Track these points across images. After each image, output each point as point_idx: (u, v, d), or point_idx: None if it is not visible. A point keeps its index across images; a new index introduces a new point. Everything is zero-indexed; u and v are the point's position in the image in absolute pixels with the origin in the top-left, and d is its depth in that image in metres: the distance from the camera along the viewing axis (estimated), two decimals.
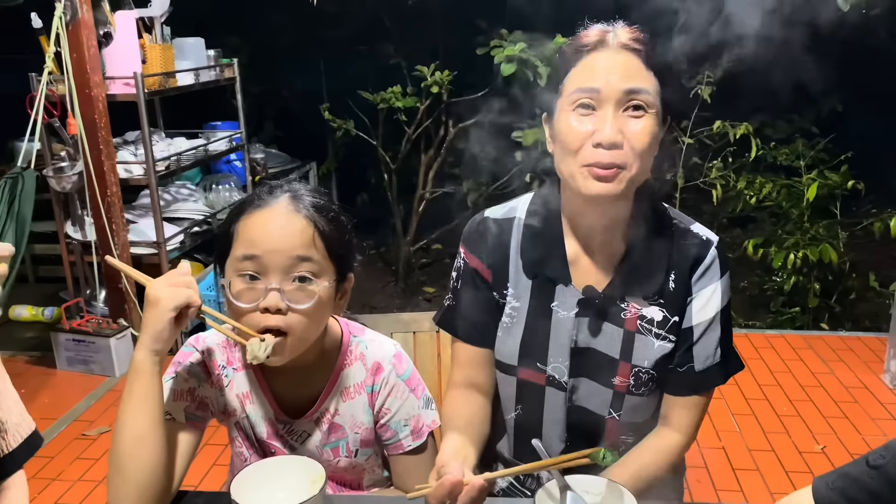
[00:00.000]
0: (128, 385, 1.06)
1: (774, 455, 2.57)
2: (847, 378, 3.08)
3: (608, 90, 1.09)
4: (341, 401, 1.23)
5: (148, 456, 1.05)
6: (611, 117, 1.09)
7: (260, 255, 1.07)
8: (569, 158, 1.12)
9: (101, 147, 3.04)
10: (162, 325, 1.04)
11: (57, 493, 2.41)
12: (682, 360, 1.22)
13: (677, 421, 1.25)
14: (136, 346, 1.06)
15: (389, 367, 1.23)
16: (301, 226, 1.10)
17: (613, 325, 1.21)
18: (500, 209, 1.30)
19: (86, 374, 3.21)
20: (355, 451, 1.25)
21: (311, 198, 1.14)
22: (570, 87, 1.12)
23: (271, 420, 1.23)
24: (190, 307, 1.05)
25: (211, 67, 3.67)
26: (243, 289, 1.09)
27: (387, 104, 4.17)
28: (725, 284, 1.22)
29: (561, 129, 1.13)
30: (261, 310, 1.07)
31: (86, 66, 2.93)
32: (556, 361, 1.24)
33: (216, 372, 1.22)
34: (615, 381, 1.22)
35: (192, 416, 1.18)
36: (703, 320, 1.21)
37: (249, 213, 1.11)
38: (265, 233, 1.09)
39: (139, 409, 1.05)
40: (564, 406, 1.25)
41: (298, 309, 1.08)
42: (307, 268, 1.09)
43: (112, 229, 3.13)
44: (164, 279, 1.07)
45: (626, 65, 1.10)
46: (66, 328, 3.21)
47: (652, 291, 1.20)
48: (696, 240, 1.22)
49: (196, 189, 3.87)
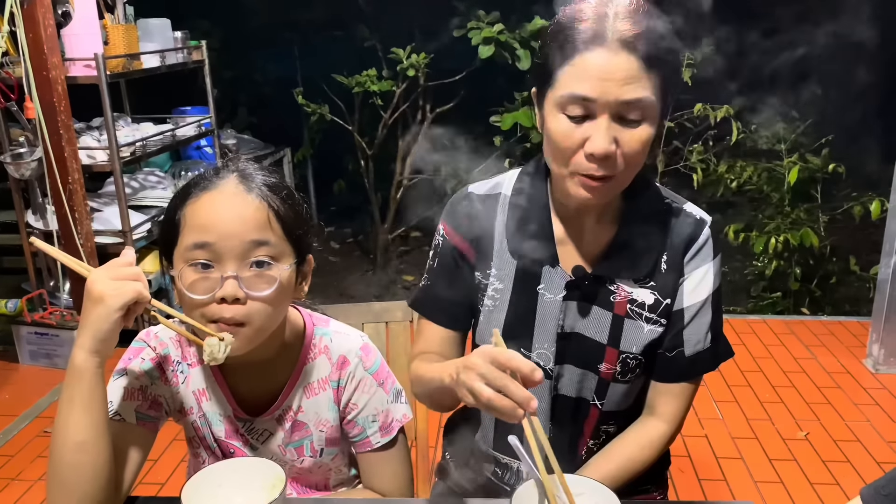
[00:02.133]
0: (67, 390, 0.96)
1: (758, 443, 2.53)
2: (829, 363, 3.06)
3: (604, 99, 0.99)
4: (305, 397, 1.14)
5: (91, 465, 0.96)
6: (605, 128, 1.00)
7: (212, 242, 0.98)
8: (558, 161, 1.06)
9: (61, 132, 2.91)
10: (107, 325, 0.93)
11: (16, 493, 2.31)
12: (671, 344, 1.16)
13: (663, 409, 1.19)
14: (74, 346, 0.95)
15: (356, 361, 1.15)
16: (254, 207, 1.00)
17: (602, 308, 1.15)
18: (485, 185, 1.22)
19: (49, 368, 3.10)
20: (320, 450, 1.17)
21: (263, 176, 1.04)
22: (563, 86, 1.01)
23: (230, 418, 1.14)
24: (138, 303, 0.95)
25: (178, 50, 3.54)
26: (196, 279, 0.99)
27: (362, 88, 4.07)
28: (717, 266, 1.17)
29: (551, 129, 1.05)
30: (217, 300, 0.98)
31: (43, 47, 2.80)
32: (542, 347, 1.17)
33: (170, 368, 1.13)
34: (601, 368, 1.16)
35: (143, 416, 1.09)
36: (695, 302, 1.15)
37: (196, 197, 1.01)
38: (216, 217, 0.99)
39: (81, 416, 0.95)
40: (549, 394, 1.18)
41: (258, 297, 0.99)
42: (265, 252, 1.00)
43: (75, 218, 3.00)
44: (106, 271, 0.95)
45: (625, 69, 0.98)
46: (28, 321, 3.09)
47: (642, 274, 1.14)
48: (689, 219, 1.16)
49: (165, 176, 3.74)
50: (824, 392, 2.84)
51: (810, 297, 3.72)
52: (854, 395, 2.82)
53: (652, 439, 1.18)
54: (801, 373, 2.99)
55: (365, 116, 4.34)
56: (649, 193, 1.17)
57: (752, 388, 2.88)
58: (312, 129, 4.80)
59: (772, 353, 3.15)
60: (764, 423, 2.65)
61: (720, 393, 2.84)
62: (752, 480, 2.34)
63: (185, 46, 3.60)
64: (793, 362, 3.08)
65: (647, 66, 0.99)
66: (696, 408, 2.72)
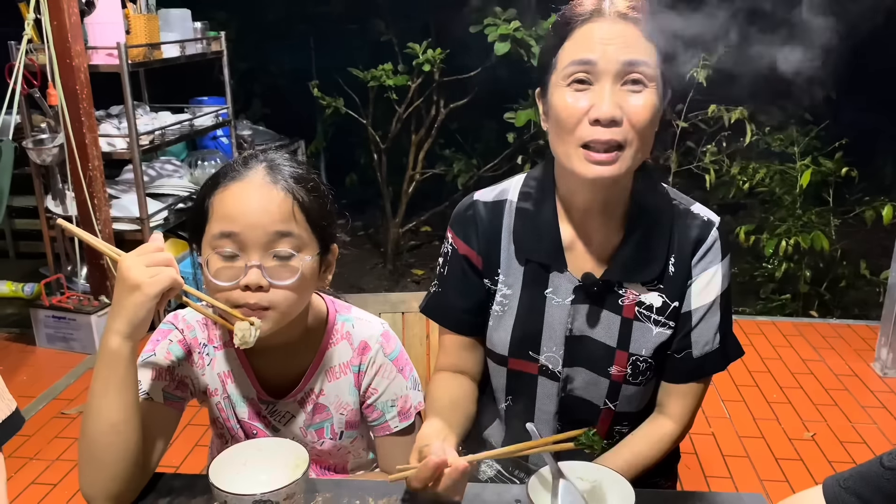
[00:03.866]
0: (102, 373, 0.98)
1: (764, 442, 2.55)
2: (837, 366, 3.07)
3: (605, 62, 1.01)
4: (326, 381, 1.18)
5: (123, 444, 1.00)
6: (608, 91, 1.01)
7: (238, 232, 1.01)
8: (564, 136, 1.05)
9: (82, 119, 2.95)
10: (144, 311, 0.95)
11: (34, 472, 2.35)
12: (679, 346, 1.17)
13: (672, 409, 1.20)
14: (107, 330, 0.98)
15: (377, 347, 1.19)
16: (279, 198, 1.03)
17: (610, 312, 1.15)
18: (491, 192, 1.23)
19: (66, 351, 3.15)
20: (340, 432, 1.21)
21: (289, 167, 1.07)
22: (564, 60, 1.05)
23: (253, 400, 1.18)
24: (172, 289, 0.97)
25: (197, 40, 3.58)
26: (222, 267, 1.02)
27: (377, 82, 4.09)
28: (726, 267, 1.17)
29: (555, 106, 1.06)
30: (241, 287, 1.02)
31: (67, 35, 2.84)
32: (550, 350, 1.18)
33: (196, 350, 1.17)
34: (612, 371, 1.17)
35: (170, 396, 1.12)
36: (702, 304, 1.15)
37: (224, 187, 1.04)
38: (242, 208, 1.02)
39: (115, 398, 0.98)
40: (557, 396, 1.20)
41: (281, 285, 1.02)
42: (288, 243, 1.03)
43: (94, 204, 3.05)
44: (139, 258, 0.97)
45: (623, 35, 1.02)
46: (45, 305, 3.13)
47: (651, 277, 1.14)
48: (697, 221, 1.16)
49: (181, 165, 3.79)
50: (832, 394, 2.86)
51: (819, 299, 3.72)
52: (861, 397, 2.83)
53: (661, 437, 1.20)
54: (808, 374, 3.00)
55: (379, 110, 4.36)
56: (656, 195, 1.16)
57: (759, 388, 2.90)
58: (326, 122, 4.83)
59: (780, 354, 3.17)
60: (771, 422, 2.67)
61: (728, 392, 2.86)
62: (758, 478, 2.36)
63: (204, 37, 3.64)
64: (801, 364, 3.09)
65: (644, 34, 1.03)
66: (704, 406, 2.70)
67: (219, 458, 1.01)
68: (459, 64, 4.09)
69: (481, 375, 1.30)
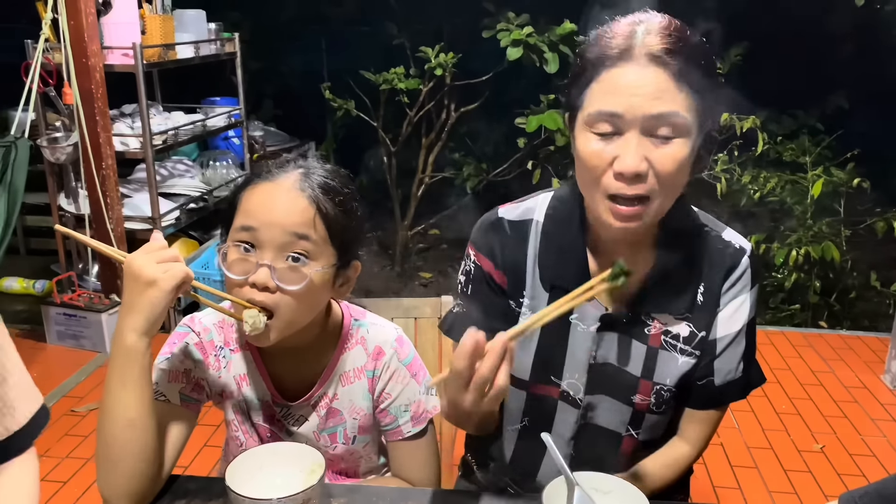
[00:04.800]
0: (118, 370, 1.00)
1: (773, 453, 2.55)
2: (847, 378, 3.06)
3: (632, 114, 0.95)
4: (340, 385, 1.18)
5: (140, 441, 1.00)
6: (634, 145, 0.96)
7: (256, 228, 1.03)
8: (589, 185, 1.03)
9: (97, 118, 2.97)
10: (161, 306, 0.97)
11: (44, 469, 2.36)
12: (702, 374, 1.15)
13: (689, 433, 1.19)
14: (121, 327, 0.99)
15: (391, 352, 1.19)
16: (303, 205, 1.04)
17: (636, 341, 1.13)
18: (515, 209, 1.18)
19: (76, 349, 3.16)
20: (353, 437, 1.21)
21: (322, 177, 1.08)
22: (590, 105, 0.99)
23: (268, 403, 1.18)
24: (184, 283, 0.99)
25: (212, 41, 3.60)
26: (236, 259, 1.04)
27: (389, 85, 4.10)
28: (755, 297, 1.14)
29: (581, 151, 1.02)
30: (249, 284, 1.03)
31: (83, 35, 2.86)
32: (572, 377, 1.16)
33: (213, 353, 1.17)
34: (636, 400, 1.14)
35: (186, 398, 1.13)
36: (728, 333, 1.13)
37: (255, 184, 1.06)
38: (265, 205, 1.04)
39: (132, 395, 0.99)
40: (576, 423, 1.18)
41: (287, 289, 1.03)
42: (302, 247, 1.03)
43: (106, 203, 3.06)
44: (147, 256, 0.98)
45: (654, 83, 0.95)
46: (57, 302, 3.15)
47: (681, 310, 1.11)
48: (728, 249, 1.13)
49: (193, 165, 3.80)
50: (841, 406, 2.85)
51: (829, 310, 3.71)
52: (871, 410, 2.82)
53: (677, 459, 1.19)
54: (818, 386, 2.99)
55: (389, 113, 4.37)
56: (687, 221, 1.13)
57: (768, 398, 2.89)
58: (337, 124, 4.84)
59: (789, 365, 3.16)
60: (780, 433, 2.66)
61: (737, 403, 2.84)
62: (766, 490, 2.35)
63: (218, 38, 3.66)
64: (810, 375, 3.08)
65: (677, 81, 0.95)
66: None
67: (235, 462, 1.01)
68: (471, 68, 4.10)
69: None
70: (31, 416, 1.08)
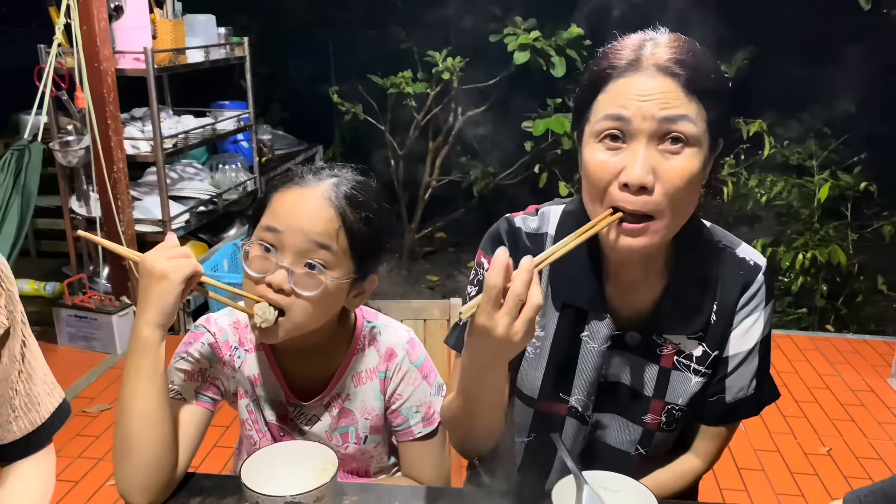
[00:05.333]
0: (133, 363, 1.03)
1: (780, 455, 2.55)
2: (854, 381, 3.06)
3: (640, 119, 0.93)
4: (353, 385, 1.20)
5: (155, 434, 1.03)
6: (642, 153, 0.93)
7: (281, 230, 1.05)
8: (594, 199, 0.99)
9: (108, 122, 3.00)
10: (172, 298, 1.00)
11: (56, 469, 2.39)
12: (713, 391, 1.13)
13: (700, 448, 1.19)
14: (137, 322, 1.02)
15: (402, 353, 1.21)
16: (329, 215, 1.06)
17: (648, 361, 1.11)
18: (531, 221, 1.15)
19: (87, 350, 3.19)
20: (364, 437, 1.23)
21: (353, 190, 1.09)
22: (597, 113, 0.97)
23: (281, 403, 1.20)
24: (193, 277, 1.03)
25: (221, 45, 3.63)
26: (257, 256, 1.07)
27: (396, 89, 4.13)
28: (769, 314, 1.11)
29: (586, 163, 0.99)
30: (266, 283, 1.05)
31: (96, 40, 2.89)
32: (581, 394, 1.14)
33: (227, 353, 1.19)
34: (646, 419, 1.13)
35: (202, 396, 1.15)
36: (741, 351, 1.11)
37: (288, 188, 1.09)
38: (292, 210, 1.06)
39: (147, 386, 1.02)
40: (583, 440, 1.18)
41: (301, 294, 1.05)
42: (322, 256, 1.06)
43: (117, 206, 3.09)
44: (160, 253, 1.02)
45: (662, 91, 0.93)
46: (68, 304, 3.18)
47: (695, 330, 1.09)
48: (743, 266, 1.10)
49: (202, 168, 3.83)
50: (848, 409, 2.85)
51: (836, 314, 3.72)
52: (878, 413, 2.83)
53: (685, 472, 1.19)
54: (824, 389, 3.00)
55: (397, 117, 4.40)
56: (700, 239, 1.10)
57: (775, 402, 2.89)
58: (344, 128, 4.87)
59: (796, 369, 3.17)
60: (786, 436, 2.67)
61: None
62: (773, 492, 2.36)
63: (228, 42, 3.69)
64: (817, 378, 3.09)
65: (686, 91, 0.93)
66: None
67: (249, 461, 1.03)
68: (478, 72, 4.12)
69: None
70: (53, 411, 1.11)
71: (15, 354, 1.06)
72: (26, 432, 1.08)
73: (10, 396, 1.06)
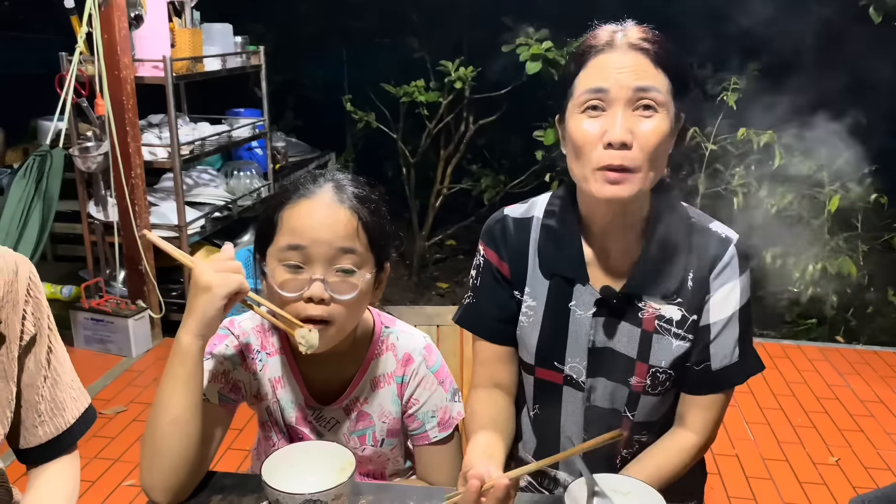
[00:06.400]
0: (171, 367, 1.06)
1: (788, 465, 2.56)
2: (863, 392, 3.07)
3: (617, 89, 1.08)
4: (371, 390, 1.23)
5: (185, 437, 1.06)
6: (620, 117, 1.08)
7: (305, 246, 1.08)
8: (580, 160, 1.13)
9: (127, 128, 3.06)
10: (214, 311, 1.04)
11: None
12: (698, 358, 1.22)
13: (693, 421, 1.24)
14: (180, 328, 1.06)
15: (419, 359, 1.24)
16: (346, 217, 1.10)
17: (631, 324, 1.21)
18: (519, 208, 1.30)
19: (102, 353, 3.24)
20: (381, 440, 1.26)
21: (354, 188, 1.14)
22: (580, 88, 1.12)
23: (301, 406, 1.24)
24: (239, 293, 1.06)
25: (238, 54, 3.69)
26: (288, 279, 1.09)
27: (409, 98, 4.17)
28: (745, 283, 1.21)
29: (571, 132, 1.13)
30: (304, 299, 1.09)
31: (116, 48, 2.95)
32: (574, 361, 1.24)
33: (250, 356, 1.23)
34: (632, 381, 1.22)
35: (225, 398, 1.19)
36: (720, 318, 1.20)
37: (295, 203, 1.11)
38: (310, 224, 1.09)
39: (182, 392, 1.06)
40: (582, 405, 1.26)
41: (340, 299, 1.09)
42: (350, 260, 1.10)
43: (134, 211, 3.14)
44: (211, 263, 1.06)
45: (634, 64, 1.09)
46: (85, 307, 3.23)
47: (670, 290, 1.19)
48: (714, 238, 1.21)
49: (217, 175, 3.88)
50: (857, 420, 2.86)
51: (846, 325, 3.71)
52: (887, 424, 2.83)
53: (682, 448, 1.24)
54: (834, 399, 3.00)
55: (409, 125, 4.44)
56: (674, 213, 1.21)
57: (784, 411, 2.90)
58: (356, 135, 4.92)
59: (805, 379, 3.17)
60: (795, 446, 2.68)
61: (752, 414, 2.87)
62: (781, 501, 2.37)
63: (244, 51, 3.75)
64: (826, 389, 3.09)
65: (654, 64, 1.10)
66: (728, 427, 2.75)
67: (269, 460, 1.06)
68: (490, 81, 4.16)
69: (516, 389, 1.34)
70: (79, 416, 1.14)
71: (41, 361, 1.10)
72: (51, 437, 1.11)
73: (35, 402, 1.10)
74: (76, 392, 1.15)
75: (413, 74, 4.25)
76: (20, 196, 2.74)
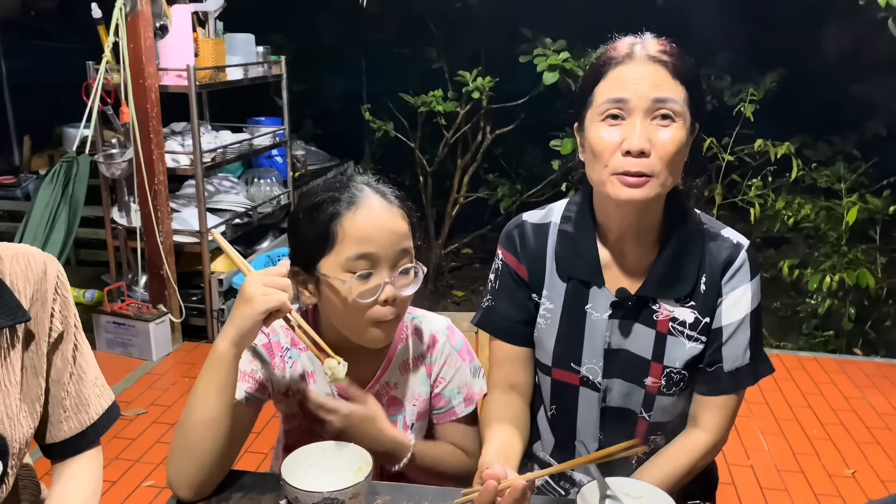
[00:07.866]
0: (207, 371, 1.10)
1: (803, 476, 2.55)
2: (880, 404, 3.05)
3: (636, 99, 1.12)
4: (399, 374, 1.28)
5: (216, 439, 1.10)
6: (639, 126, 1.12)
7: (374, 252, 1.13)
8: (599, 166, 1.17)
9: (151, 136, 3.12)
10: (251, 323, 1.08)
11: None
12: (711, 360, 1.25)
13: (706, 421, 1.27)
14: (219, 334, 1.11)
15: (444, 339, 1.30)
16: (401, 220, 1.16)
17: (646, 326, 1.24)
18: (537, 214, 1.34)
19: (124, 356, 3.29)
20: (412, 424, 1.31)
21: (387, 188, 1.20)
22: (599, 98, 1.16)
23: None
24: (279, 310, 1.09)
25: (260, 64, 3.75)
26: (363, 288, 1.13)
27: (427, 107, 4.22)
28: (755, 287, 1.24)
29: (591, 139, 1.17)
30: (381, 303, 1.14)
31: (142, 57, 3.02)
32: (590, 362, 1.27)
33: (279, 354, 1.26)
34: (647, 382, 1.26)
35: (251, 397, 1.21)
36: (733, 321, 1.23)
37: (352, 212, 1.14)
38: (377, 229, 1.14)
39: (215, 397, 1.09)
40: (598, 406, 1.29)
41: (406, 295, 1.16)
42: (409, 258, 1.17)
43: (157, 217, 3.20)
44: (261, 276, 1.09)
45: (653, 75, 1.13)
46: (107, 311, 3.29)
47: (683, 293, 1.23)
48: (726, 243, 1.25)
49: (238, 182, 3.94)
50: (874, 432, 2.84)
51: (864, 337, 3.69)
52: None
53: (695, 447, 1.26)
54: (850, 412, 2.99)
55: (426, 134, 4.49)
56: (687, 219, 1.25)
57: (799, 423, 2.89)
58: (375, 144, 4.98)
59: (821, 391, 3.16)
60: (811, 457, 2.67)
61: (767, 425, 2.86)
62: None
63: (266, 61, 3.81)
64: (843, 401, 3.08)
65: (672, 77, 1.14)
66: (742, 438, 2.75)
67: (288, 459, 1.09)
68: (508, 91, 4.20)
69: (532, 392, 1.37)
70: (103, 412, 1.18)
71: (67, 357, 1.14)
72: (76, 432, 1.15)
73: (61, 398, 1.14)
74: (100, 389, 1.18)
75: (431, 84, 4.29)
76: (47, 201, 2.81)
